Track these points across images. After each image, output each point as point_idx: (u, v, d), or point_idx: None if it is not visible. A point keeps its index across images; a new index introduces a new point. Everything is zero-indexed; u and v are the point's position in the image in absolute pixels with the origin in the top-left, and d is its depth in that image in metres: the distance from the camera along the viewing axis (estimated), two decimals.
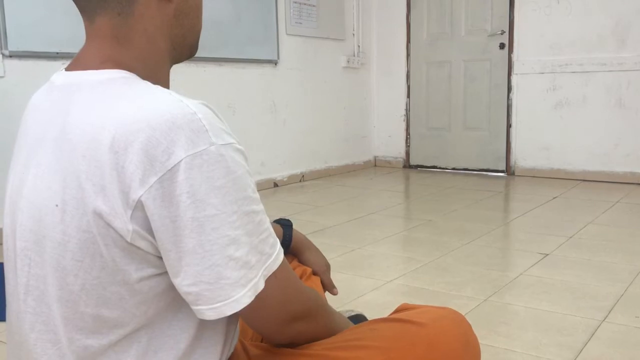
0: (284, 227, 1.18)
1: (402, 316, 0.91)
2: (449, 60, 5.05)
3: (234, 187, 0.68)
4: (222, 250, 0.67)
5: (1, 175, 1.14)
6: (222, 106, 4.03)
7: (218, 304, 0.69)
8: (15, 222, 0.76)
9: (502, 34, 4.72)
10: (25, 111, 0.83)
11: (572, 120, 4.49)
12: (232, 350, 0.83)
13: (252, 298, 0.70)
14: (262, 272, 0.71)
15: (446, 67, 5.07)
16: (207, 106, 0.71)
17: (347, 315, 1.52)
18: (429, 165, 5.25)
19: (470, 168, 5.04)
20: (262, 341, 1.00)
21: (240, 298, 0.69)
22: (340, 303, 1.93)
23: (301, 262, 1.21)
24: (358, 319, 1.47)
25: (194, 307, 0.70)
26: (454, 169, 5.12)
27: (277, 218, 1.20)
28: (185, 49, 0.85)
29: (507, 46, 4.74)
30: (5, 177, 0.85)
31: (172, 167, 0.65)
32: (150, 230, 0.68)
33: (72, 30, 3.05)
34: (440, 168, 5.18)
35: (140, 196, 0.66)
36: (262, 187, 4.33)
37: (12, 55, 2.92)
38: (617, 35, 4.26)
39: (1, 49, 2.89)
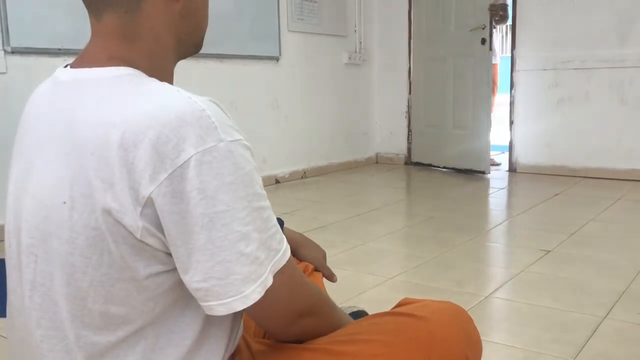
0: None
1: (403, 310, 0.91)
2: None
3: (243, 183, 0.69)
4: (233, 246, 0.68)
5: (3, 171, 1.14)
6: (223, 102, 3.95)
7: (228, 300, 0.69)
8: (20, 219, 0.76)
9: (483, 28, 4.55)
10: (26, 106, 0.83)
11: (574, 117, 4.48)
12: (235, 346, 0.83)
13: (262, 294, 0.70)
14: (271, 267, 0.72)
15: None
16: (215, 103, 0.72)
17: (348, 311, 1.52)
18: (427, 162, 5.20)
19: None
20: (264, 337, 1.00)
21: (250, 294, 0.69)
22: (342, 299, 1.94)
23: (298, 259, 1.21)
24: (359, 315, 1.46)
25: (203, 303, 0.70)
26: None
27: None
28: (190, 46, 0.86)
29: (510, 42, 4.72)
30: (7, 173, 0.84)
31: (182, 164, 0.66)
32: (159, 227, 0.68)
33: (75, 26, 3.04)
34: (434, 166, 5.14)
35: (151, 193, 0.66)
36: (263, 183, 4.31)
37: (14, 52, 2.92)
38: (620, 31, 4.25)
39: (3, 45, 2.88)
